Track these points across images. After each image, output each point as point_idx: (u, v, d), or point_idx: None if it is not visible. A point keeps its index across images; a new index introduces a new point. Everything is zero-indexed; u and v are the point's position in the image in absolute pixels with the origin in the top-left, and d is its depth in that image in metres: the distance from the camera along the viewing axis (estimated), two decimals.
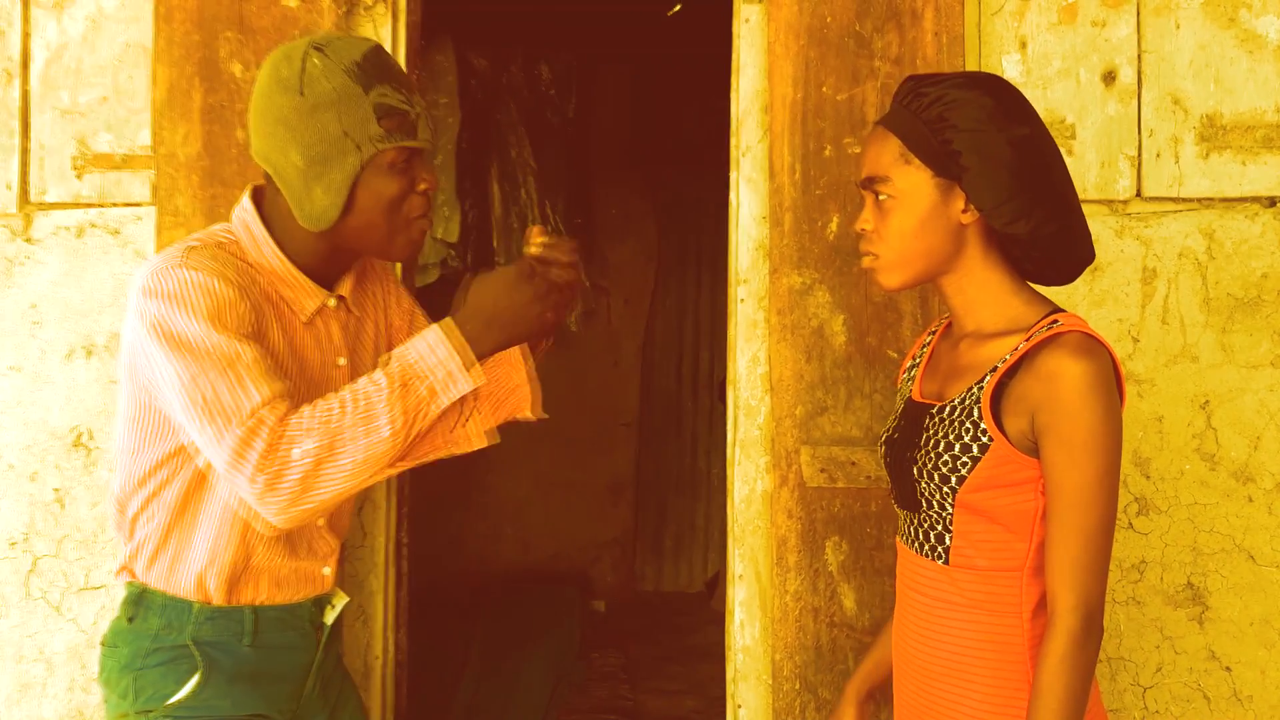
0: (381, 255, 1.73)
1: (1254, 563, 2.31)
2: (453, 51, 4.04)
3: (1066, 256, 1.55)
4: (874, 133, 1.57)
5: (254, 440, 1.50)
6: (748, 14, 2.37)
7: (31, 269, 2.48)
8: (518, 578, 5.32)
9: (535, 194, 4.53)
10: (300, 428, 1.51)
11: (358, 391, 1.55)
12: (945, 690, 1.54)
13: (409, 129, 1.63)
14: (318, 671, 1.80)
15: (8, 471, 2.47)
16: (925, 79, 1.54)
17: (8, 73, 2.49)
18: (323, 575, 1.81)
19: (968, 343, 1.58)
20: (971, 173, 1.48)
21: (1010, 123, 1.49)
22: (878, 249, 1.56)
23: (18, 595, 2.46)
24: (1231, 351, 2.32)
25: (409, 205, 1.66)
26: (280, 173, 1.63)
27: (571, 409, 5.45)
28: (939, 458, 1.51)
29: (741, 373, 2.36)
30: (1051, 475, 1.44)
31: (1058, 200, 1.51)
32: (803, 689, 2.22)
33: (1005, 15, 2.36)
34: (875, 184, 1.54)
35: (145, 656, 1.68)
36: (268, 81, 1.63)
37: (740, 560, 2.36)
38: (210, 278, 1.57)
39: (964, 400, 1.51)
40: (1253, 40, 2.34)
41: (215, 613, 1.69)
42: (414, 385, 1.56)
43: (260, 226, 1.68)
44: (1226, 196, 2.33)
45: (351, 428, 1.52)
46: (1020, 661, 1.49)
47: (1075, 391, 1.42)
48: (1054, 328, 1.47)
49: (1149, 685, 2.33)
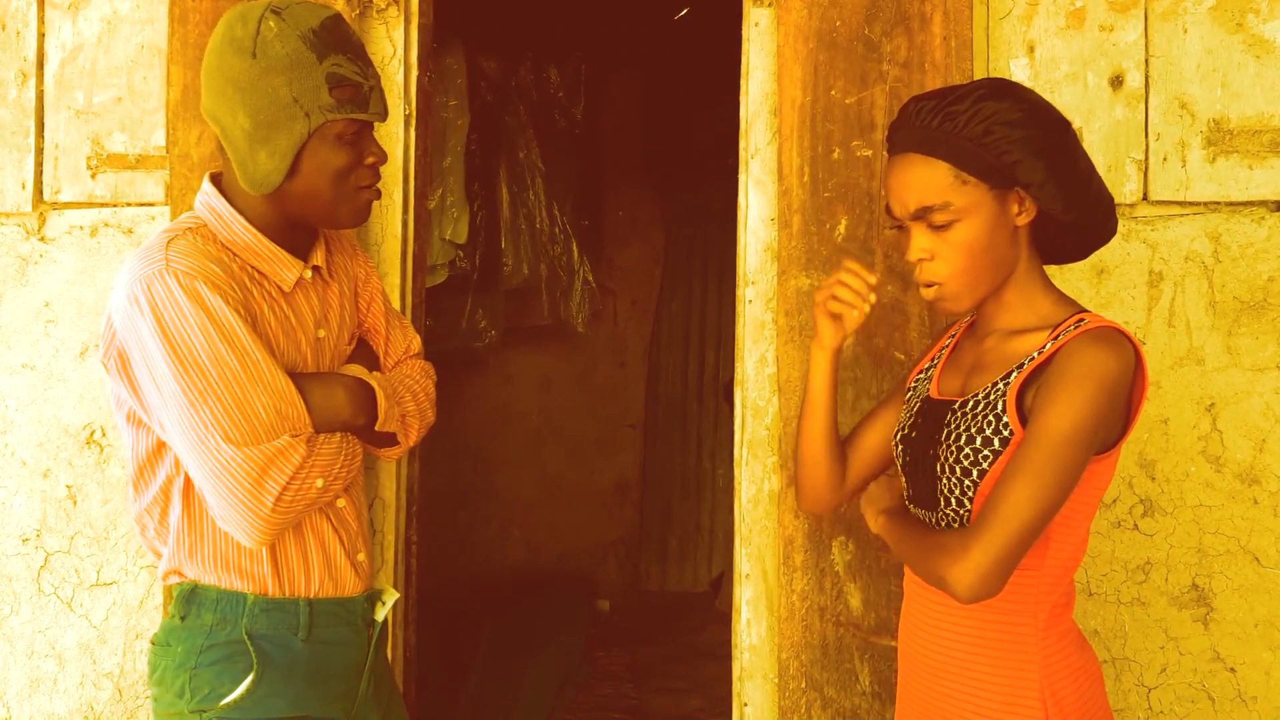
0: (327, 223, 1.72)
1: (1259, 564, 2.32)
2: (463, 54, 4.05)
3: (1099, 228, 1.59)
4: (910, 161, 1.54)
5: (279, 465, 1.58)
6: (757, 17, 2.39)
7: (46, 268, 2.50)
8: (524, 578, 5.34)
9: (543, 196, 4.54)
10: (324, 462, 1.64)
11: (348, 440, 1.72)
12: (954, 689, 1.55)
13: (360, 101, 1.62)
14: (370, 671, 1.79)
15: (21, 468, 2.49)
16: (945, 99, 1.52)
17: (23, 73, 2.51)
18: (359, 561, 1.80)
19: (994, 339, 1.59)
20: (1028, 172, 1.49)
21: (1048, 118, 1.52)
22: (942, 276, 1.54)
23: (30, 591, 2.48)
24: (1237, 354, 2.33)
25: (356, 176, 1.66)
26: (228, 134, 1.62)
27: (578, 411, 5.47)
28: (960, 451, 1.51)
29: (749, 373, 2.38)
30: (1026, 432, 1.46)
31: (1094, 172, 1.56)
32: (809, 687, 2.23)
33: (1013, 20, 2.38)
34: (933, 213, 1.51)
35: (200, 654, 1.66)
36: (221, 40, 1.61)
37: (747, 559, 2.37)
38: (195, 281, 1.55)
39: (988, 394, 1.52)
40: (1260, 45, 2.35)
41: (270, 604, 1.68)
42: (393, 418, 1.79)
43: (224, 204, 1.67)
44: (1233, 200, 2.34)
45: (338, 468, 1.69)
46: (1031, 663, 1.50)
47: (1075, 368, 1.43)
48: (1081, 325, 1.49)
49: (1154, 686, 2.34)
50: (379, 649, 1.82)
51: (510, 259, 4.45)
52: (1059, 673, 1.50)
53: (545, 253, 4.59)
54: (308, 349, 1.74)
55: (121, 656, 2.46)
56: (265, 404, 1.56)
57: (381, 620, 1.83)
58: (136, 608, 2.46)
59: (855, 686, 2.21)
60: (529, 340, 5.15)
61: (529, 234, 4.51)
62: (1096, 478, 1.50)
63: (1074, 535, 1.52)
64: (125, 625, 2.46)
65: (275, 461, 1.56)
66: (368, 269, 1.95)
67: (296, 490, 1.59)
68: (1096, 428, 1.42)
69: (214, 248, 1.63)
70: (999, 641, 1.52)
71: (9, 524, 2.49)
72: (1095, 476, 1.50)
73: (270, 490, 1.56)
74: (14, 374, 2.49)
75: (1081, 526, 1.53)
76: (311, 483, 1.61)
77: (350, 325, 1.87)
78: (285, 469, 1.57)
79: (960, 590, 1.42)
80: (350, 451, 1.70)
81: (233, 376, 1.55)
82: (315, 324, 1.76)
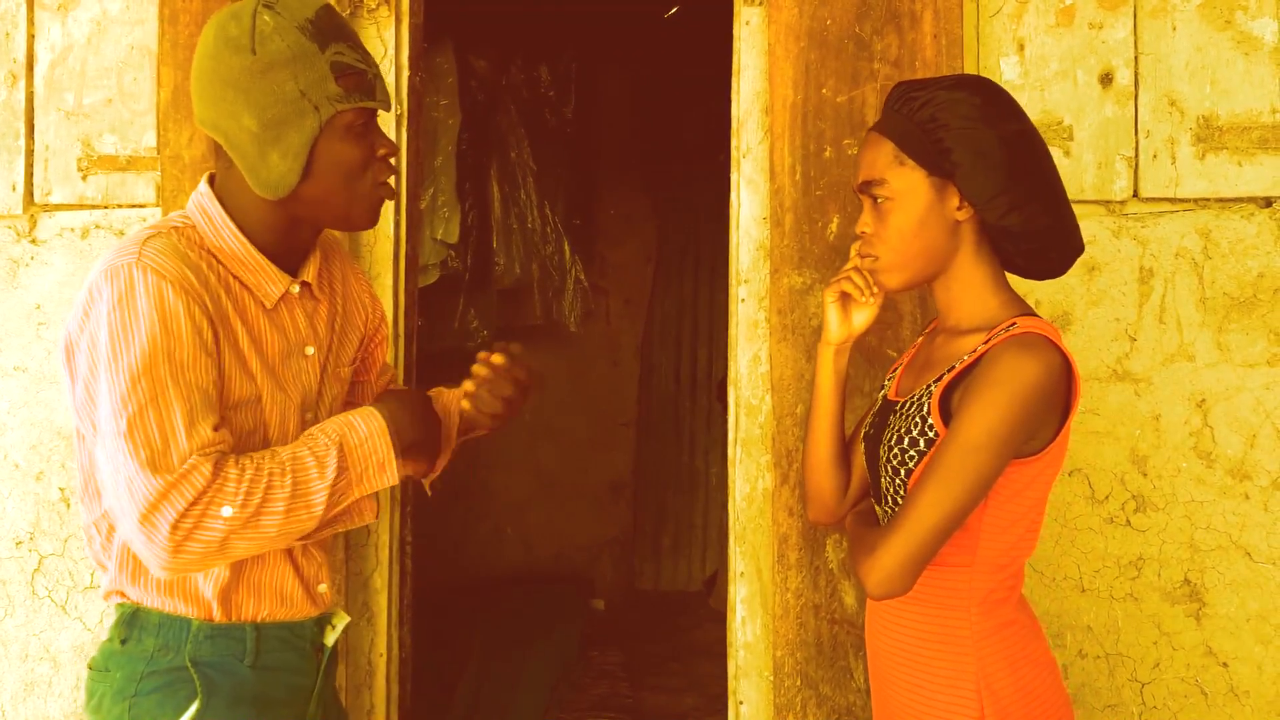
0: (341, 225, 1.63)
1: (1250, 559, 2.33)
2: (453, 53, 4.05)
3: (1058, 249, 1.60)
4: (868, 138, 1.62)
5: (181, 490, 1.42)
6: (748, 16, 2.39)
7: (37, 270, 2.50)
8: (518, 576, 5.34)
9: (535, 195, 4.54)
10: (233, 487, 1.45)
11: (299, 463, 1.51)
12: (903, 680, 1.60)
13: (367, 89, 1.55)
14: (319, 698, 1.70)
15: (14, 471, 2.48)
16: (915, 84, 1.59)
17: (13, 75, 2.50)
18: (319, 592, 1.71)
19: (942, 339, 1.63)
20: (964, 168, 1.52)
21: (999, 119, 1.53)
22: (878, 250, 1.60)
23: (23, 594, 2.48)
24: (1228, 350, 2.34)
25: (372, 171, 1.59)
26: (232, 140, 1.53)
27: (571, 409, 5.47)
28: (892, 450, 1.56)
29: (743, 372, 2.38)
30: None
31: (1048, 193, 1.56)
32: (804, 685, 2.24)
33: (1003, 17, 2.38)
34: (872, 187, 1.58)
35: (140, 680, 1.56)
36: (213, 42, 1.53)
37: (742, 558, 2.37)
38: (163, 281, 1.47)
39: (919, 396, 1.56)
40: (1249, 42, 2.36)
41: (215, 630, 1.58)
42: (347, 472, 1.54)
43: (217, 208, 1.58)
44: (1223, 197, 2.35)
45: (285, 499, 1.48)
46: (968, 654, 1.53)
47: (993, 374, 1.46)
48: (1011, 329, 1.51)
49: (1147, 681, 2.35)
50: (328, 674, 1.73)
51: (502, 258, 4.45)
52: (994, 662, 1.53)
53: (537, 252, 4.59)
54: (294, 365, 1.65)
55: None
56: (183, 426, 1.44)
57: (331, 645, 1.73)
58: None
59: (850, 684, 2.22)
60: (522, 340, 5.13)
61: (521, 233, 4.51)
62: (1032, 480, 1.53)
63: (1008, 534, 1.54)
64: None
65: (174, 488, 1.42)
66: (359, 278, 1.86)
67: (196, 520, 1.43)
68: (1011, 434, 1.45)
69: (195, 252, 1.55)
70: (936, 633, 1.56)
71: (2, 527, 2.49)
72: (1030, 479, 1.52)
73: (164, 519, 1.42)
74: (6, 376, 2.49)
75: (1018, 525, 1.55)
76: (216, 512, 1.43)
77: (350, 347, 1.79)
78: (183, 497, 1.42)
79: (869, 587, 1.48)
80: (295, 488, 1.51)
81: (160, 390, 1.44)
82: (303, 341, 1.67)
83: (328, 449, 1.53)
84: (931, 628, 1.56)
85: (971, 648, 1.53)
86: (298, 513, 1.50)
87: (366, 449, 1.57)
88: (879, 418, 1.67)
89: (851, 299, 1.72)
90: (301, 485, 1.50)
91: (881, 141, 1.58)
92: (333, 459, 1.53)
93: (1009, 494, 1.52)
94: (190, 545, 1.43)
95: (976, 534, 1.52)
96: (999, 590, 1.56)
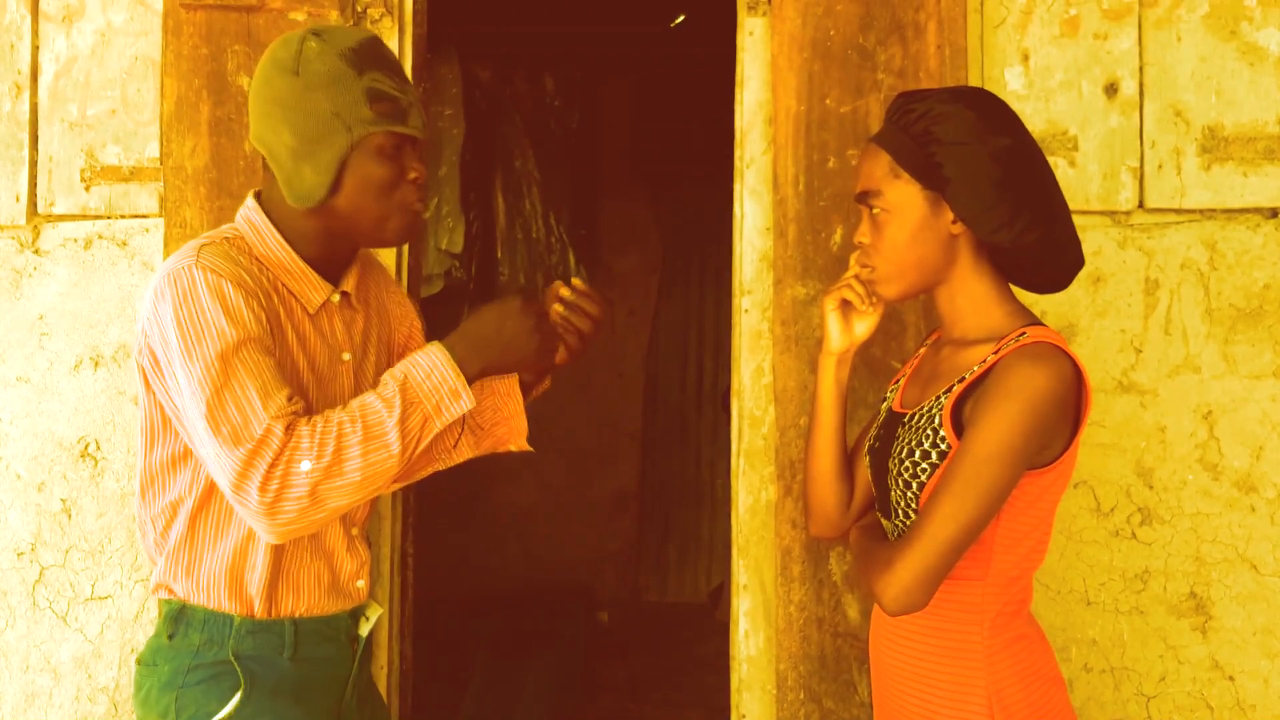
0: (372, 241, 1.73)
1: (1257, 572, 2.32)
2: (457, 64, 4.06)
3: (1053, 264, 1.59)
4: (867, 149, 1.62)
5: (262, 454, 1.50)
6: (751, 27, 2.39)
7: (40, 280, 2.50)
8: (522, 589, 5.32)
9: (539, 205, 4.54)
10: (307, 443, 1.52)
11: (366, 408, 1.56)
12: (911, 695, 1.58)
13: (399, 115, 1.65)
14: (354, 685, 1.80)
15: (15, 481, 2.48)
16: (914, 95, 1.59)
17: (17, 86, 2.51)
18: (357, 587, 1.81)
19: (949, 350, 1.62)
20: (954, 184, 1.52)
21: (991, 134, 1.52)
22: (874, 261, 1.61)
23: (24, 605, 2.47)
24: (1234, 362, 2.33)
25: (401, 193, 1.68)
26: (273, 153, 1.65)
27: (576, 420, 5.46)
28: (902, 464, 1.55)
29: (746, 383, 2.37)
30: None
31: (1039, 209, 1.54)
32: (807, 699, 2.22)
33: (1008, 28, 2.38)
34: (869, 198, 1.59)
35: (187, 674, 1.66)
36: (266, 65, 1.66)
37: (745, 570, 2.36)
38: (221, 279, 1.58)
39: (929, 408, 1.55)
40: (1254, 52, 2.35)
41: (256, 626, 1.68)
42: (418, 405, 1.58)
43: (264, 219, 1.70)
44: (1228, 207, 2.34)
45: (359, 443, 1.53)
46: (977, 668, 1.52)
47: (1005, 385, 1.45)
48: (1021, 339, 1.50)
49: (1153, 695, 2.33)
50: (363, 663, 1.83)
51: (506, 268, 4.45)
52: (1006, 676, 1.51)
53: (541, 262, 4.60)
54: (331, 371, 1.74)
55: (117, 671, 2.45)
56: (259, 400, 1.52)
57: (365, 635, 1.83)
58: (132, 622, 2.45)
59: (854, 697, 2.21)
60: None
61: (525, 243, 4.51)
62: (1044, 491, 1.51)
63: (1020, 546, 1.53)
64: (120, 639, 2.45)
65: (255, 455, 1.50)
66: (398, 292, 1.98)
67: (282, 481, 1.50)
68: (1025, 444, 1.44)
69: (246, 259, 1.66)
70: (947, 647, 1.54)
71: (3, 538, 2.48)
72: (1042, 491, 1.51)
73: (252, 485, 1.50)
74: (8, 387, 2.49)
75: (1029, 538, 1.54)
76: (295, 469, 1.50)
77: (381, 357, 1.87)
78: (263, 460, 1.50)
79: (886, 603, 1.46)
80: (366, 433, 1.55)
81: (232, 372, 1.53)
82: (340, 348, 1.76)
83: (393, 390, 1.58)
84: (942, 642, 1.54)
85: (983, 662, 1.52)
86: (376, 454, 1.54)
87: (434, 380, 1.60)
88: (885, 430, 1.66)
89: (853, 308, 1.71)
90: (372, 427, 1.55)
91: (878, 153, 1.59)
92: (398, 399, 1.57)
93: (1022, 505, 1.50)
94: (284, 505, 1.51)
95: (990, 547, 1.51)
96: (1011, 604, 1.55)
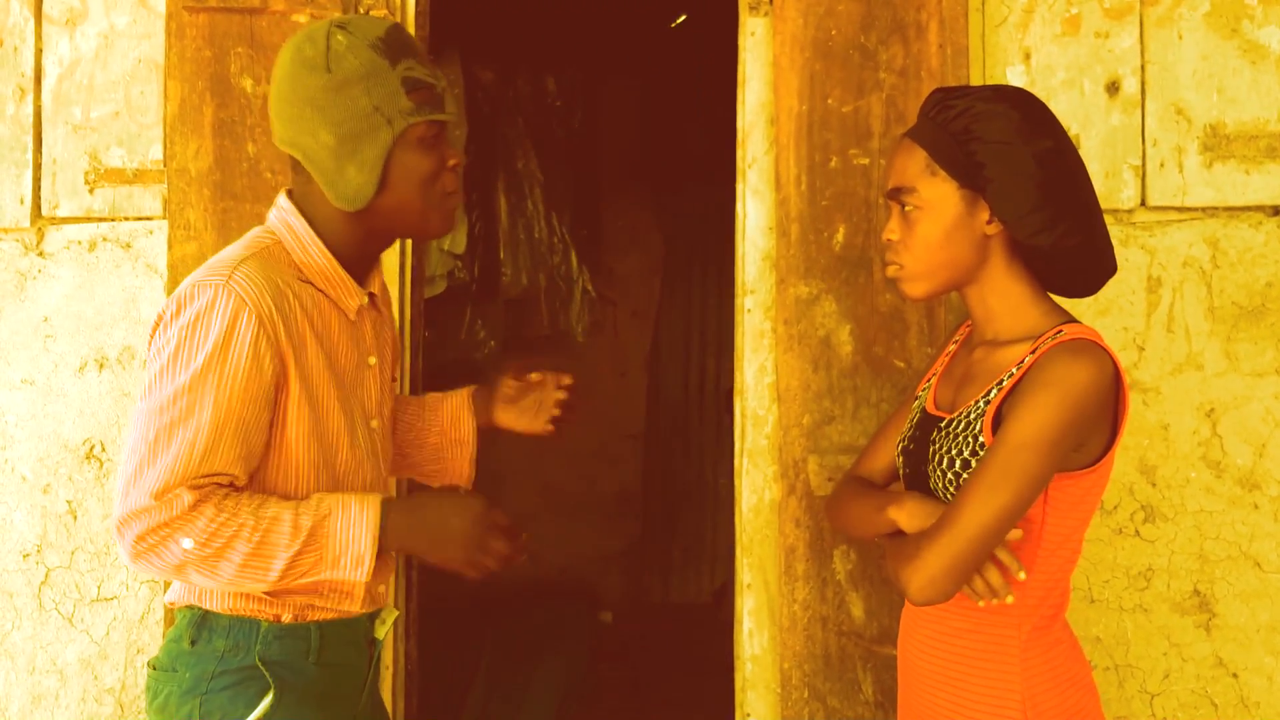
0: (417, 234, 1.72)
1: (1260, 569, 2.32)
2: (459, 65, 4.05)
3: (1090, 269, 1.56)
4: (900, 144, 1.58)
5: (156, 513, 1.47)
6: (753, 27, 2.39)
7: (44, 283, 2.50)
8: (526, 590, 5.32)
9: (542, 205, 4.54)
10: (203, 524, 1.48)
11: (275, 524, 1.52)
12: (944, 697, 1.56)
13: (437, 102, 1.61)
14: (369, 688, 1.77)
15: (21, 484, 2.49)
16: (953, 91, 1.56)
17: (21, 89, 2.51)
18: (379, 591, 1.78)
19: (982, 350, 1.59)
20: (996, 184, 1.49)
21: (1035, 136, 1.50)
22: (903, 259, 1.57)
23: (30, 607, 2.48)
24: (1236, 360, 2.33)
25: (442, 182, 1.64)
26: (310, 156, 1.58)
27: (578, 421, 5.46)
28: (945, 475, 1.52)
29: (749, 383, 2.38)
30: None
31: (1081, 213, 1.52)
32: (811, 697, 2.22)
33: (1009, 27, 2.38)
34: (902, 194, 1.55)
35: (211, 680, 1.60)
36: (291, 63, 1.59)
37: (748, 570, 2.36)
38: (244, 309, 1.51)
39: (968, 414, 1.52)
40: (1255, 51, 2.35)
41: (283, 631, 1.62)
42: (320, 550, 1.54)
43: (304, 225, 1.63)
44: (1230, 205, 2.34)
45: (245, 555, 1.50)
46: (1013, 671, 1.50)
47: (1043, 378, 1.43)
48: (1059, 336, 1.48)
49: (1156, 692, 2.33)
50: (377, 667, 1.81)
51: (509, 269, 4.45)
52: (1042, 681, 1.50)
53: (544, 262, 4.60)
54: (357, 377, 1.71)
55: (123, 672, 2.46)
56: (198, 453, 1.48)
57: (382, 638, 1.80)
58: (137, 623, 2.45)
59: (858, 696, 2.21)
60: (529, 350, 5.14)
61: (528, 244, 4.51)
62: (1085, 493, 1.50)
63: (1063, 549, 1.52)
64: (126, 641, 2.45)
65: (151, 509, 1.48)
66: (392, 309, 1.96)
67: (159, 542, 1.48)
68: (1062, 436, 1.42)
69: (284, 271, 1.60)
70: (983, 650, 1.52)
71: (10, 540, 2.49)
72: (1084, 492, 1.50)
73: (132, 531, 1.48)
74: (13, 389, 2.49)
75: (1072, 540, 1.53)
76: (177, 541, 1.48)
77: (394, 357, 1.85)
78: (154, 519, 1.48)
79: (911, 592, 1.44)
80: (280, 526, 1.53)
81: (194, 414, 1.48)
82: (367, 351, 1.74)
83: (309, 522, 1.54)
84: (978, 644, 1.53)
85: (1019, 666, 1.50)
86: (254, 571, 1.52)
87: (348, 537, 1.56)
88: (919, 431, 1.62)
89: None
90: (266, 548, 1.52)
91: (914, 149, 1.54)
92: (304, 534, 1.54)
93: (1066, 507, 1.48)
94: (149, 560, 1.50)
95: (1035, 550, 1.49)
96: (1049, 608, 1.53)
